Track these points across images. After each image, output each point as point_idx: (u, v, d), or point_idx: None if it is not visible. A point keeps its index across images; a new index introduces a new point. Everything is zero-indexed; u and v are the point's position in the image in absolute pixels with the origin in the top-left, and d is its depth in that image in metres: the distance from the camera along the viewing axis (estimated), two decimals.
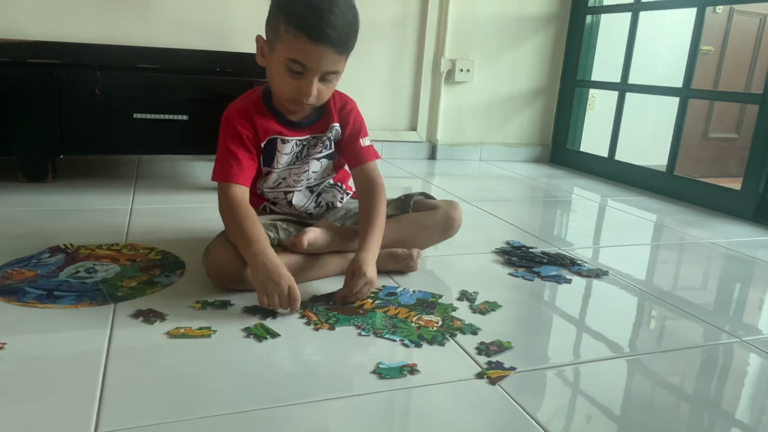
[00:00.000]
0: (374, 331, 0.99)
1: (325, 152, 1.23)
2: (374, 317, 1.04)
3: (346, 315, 1.04)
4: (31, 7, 2.03)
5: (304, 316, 1.03)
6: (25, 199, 1.65)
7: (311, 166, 1.23)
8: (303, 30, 1.02)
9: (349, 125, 1.23)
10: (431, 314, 1.07)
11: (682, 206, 2.16)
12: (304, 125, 1.20)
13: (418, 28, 2.60)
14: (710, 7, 2.84)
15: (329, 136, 1.22)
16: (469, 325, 1.04)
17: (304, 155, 1.22)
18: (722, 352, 1.04)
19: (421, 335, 0.99)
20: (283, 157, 1.20)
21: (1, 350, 0.85)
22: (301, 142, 1.21)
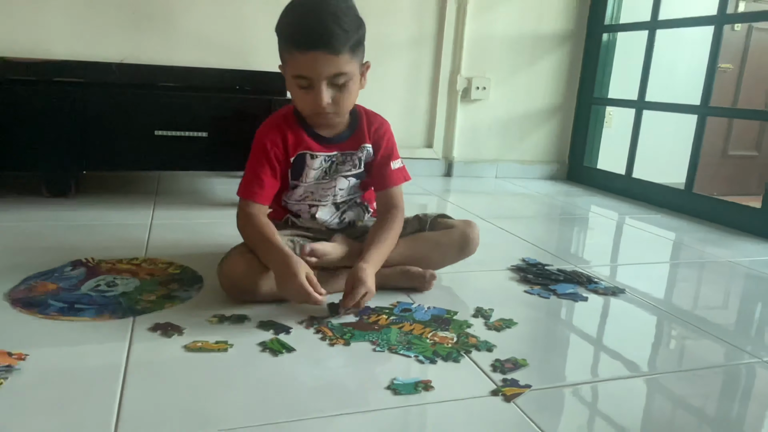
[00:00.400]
0: (389, 347, 0.99)
1: (354, 171, 1.25)
2: (389, 333, 1.04)
3: (361, 331, 1.04)
4: (57, 27, 2.09)
5: (319, 331, 1.03)
6: (48, 214, 1.68)
7: (339, 183, 1.25)
8: (291, 44, 1.07)
9: (381, 148, 1.25)
10: (446, 331, 1.07)
11: (701, 224, 2.14)
12: (334, 141, 1.22)
13: (435, 47, 2.62)
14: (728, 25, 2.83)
15: (360, 155, 1.24)
16: (484, 342, 1.03)
17: (332, 171, 1.24)
18: (744, 373, 1.02)
19: (436, 351, 0.99)
20: (311, 172, 1.22)
21: (23, 361, 0.87)
22: (330, 158, 1.22)
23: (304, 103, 1.13)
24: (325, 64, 1.07)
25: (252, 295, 1.11)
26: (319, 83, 1.08)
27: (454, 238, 1.30)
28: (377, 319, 1.10)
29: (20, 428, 0.73)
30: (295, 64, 1.08)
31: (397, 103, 2.62)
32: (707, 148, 3.00)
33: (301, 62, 1.07)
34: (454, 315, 1.14)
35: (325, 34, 1.05)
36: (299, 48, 1.06)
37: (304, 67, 1.08)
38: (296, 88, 1.12)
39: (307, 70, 1.08)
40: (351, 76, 1.11)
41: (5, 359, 0.86)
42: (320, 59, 1.06)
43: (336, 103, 1.12)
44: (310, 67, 1.07)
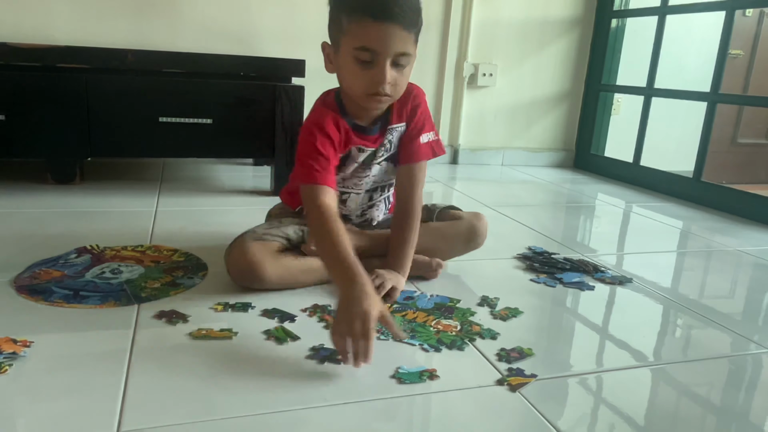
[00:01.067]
0: (392, 335, 0.98)
1: (386, 155, 1.20)
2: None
3: None
4: (62, 13, 2.08)
5: (322, 319, 1.03)
6: (53, 201, 1.68)
7: (372, 170, 1.21)
8: (366, 12, 0.98)
9: (413, 121, 1.18)
10: (450, 319, 1.06)
11: (710, 213, 2.12)
12: (374, 131, 1.16)
13: (441, 33, 2.60)
14: (739, 10, 2.79)
15: (390, 139, 1.18)
16: (487, 330, 1.03)
17: (370, 162, 1.20)
18: (750, 363, 1.01)
19: (440, 339, 0.98)
20: (353, 164, 1.18)
21: (28, 348, 0.87)
22: (374, 152, 1.18)
23: (360, 81, 1.03)
24: (397, 39, 0.99)
25: (260, 283, 1.11)
26: (385, 60, 1.00)
27: (462, 230, 1.29)
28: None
29: (25, 415, 0.73)
30: (363, 34, 0.99)
31: None
32: (716, 136, 2.97)
33: (371, 32, 0.98)
34: (457, 303, 1.13)
35: (408, 9, 0.99)
36: (375, 16, 0.97)
37: (374, 38, 0.98)
38: (353, 64, 1.01)
39: (377, 43, 0.98)
40: (411, 60, 1.05)
41: (10, 346, 0.86)
42: (395, 33, 0.98)
43: (394, 86, 1.04)
44: (381, 40, 0.98)
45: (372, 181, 1.24)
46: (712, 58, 2.24)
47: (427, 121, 1.20)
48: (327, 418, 0.76)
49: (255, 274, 1.10)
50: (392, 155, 1.21)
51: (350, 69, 1.03)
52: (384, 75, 1.01)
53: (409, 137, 1.19)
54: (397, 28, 0.99)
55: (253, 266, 1.09)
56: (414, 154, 1.18)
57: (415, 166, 1.18)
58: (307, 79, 1.90)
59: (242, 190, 1.97)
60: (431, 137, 1.20)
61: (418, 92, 1.20)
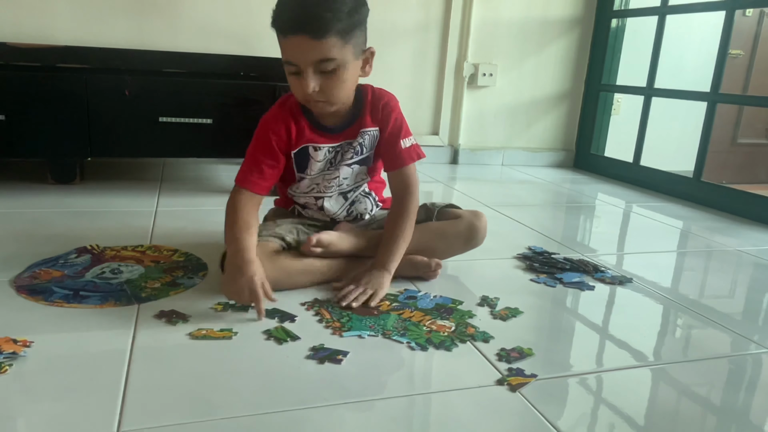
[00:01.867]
0: (383, 332, 0.99)
1: (356, 158, 1.22)
2: (387, 319, 1.04)
3: (359, 315, 1.04)
4: (62, 13, 2.08)
5: (318, 313, 1.04)
6: (53, 201, 1.68)
7: (341, 173, 1.22)
8: (277, 29, 1.05)
9: (389, 126, 1.20)
10: (446, 319, 1.06)
11: (710, 213, 2.12)
12: (336, 130, 1.19)
13: (441, 33, 2.60)
14: (739, 10, 2.79)
15: (360, 141, 1.20)
16: (482, 333, 1.02)
17: (337, 161, 1.21)
18: (750, 363, 1.01)
19: (430, 339, 0.98)
20: (316, 164, 1.20)
21: (28, 348, 0.87)
22: (333, 148, 1.20)
23: (295, 90, 1.10)
24: (307, 49, 1.02)
25: None
26: (305, 69, 1.04)
27: (461, 229, 1.28)
28: (379, 304, 1.10)
29: (25, 415, 0.73)
30: (282, 49, 1.06)
31: (402, 89, 2.60)
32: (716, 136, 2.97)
33: (286, 47, 1.05)
34: (459, 304, 1.13)
35: (308, 18, 1.01)
36: (283, 32, 1.04)
37: (289, 52, 1.05)
38: (288, 75, 1.09)
39: (292, 56, 1.05)
40: (342, 63, 1.05)
41: (10, 346, 0.86)
42: (303, 44, 1.02)
43: (324, 91, 1.07)
44: (294, 52, 1.04)
45: (345, 184, 1.24)
46: (712, 58, 2.24)
47: (405, 126, 1.23)
48: (327, 418, 0.76)
49: None
50: (364, 158, 1.23)
51: (289, 80, 1.10)
52: (307, 83, 1.05)
53: (388, 143, 1.21)
54: (305, 39, 1.01)
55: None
56: (399, 159, 1.21)
57: (403, 171, 1.21)
58: None
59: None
60: (412, 141, 1.23)
61: (390, 98, 1.22)
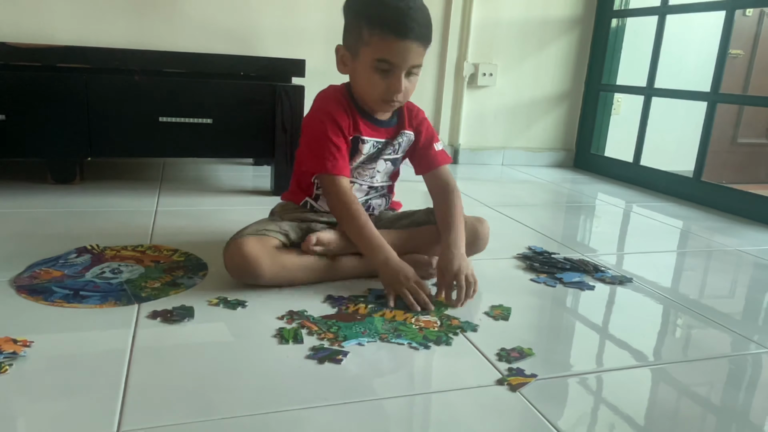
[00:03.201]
0: (379, 337, 0.98)
1: (392, 156, 1.28)
2: (373, 322, 1.03)
3: (345, 322, 1.02)
4: (62, 12, 2.08)
5: (303, 326, 0.99)
6: (53, 201, 1.68)
7: (378, 165, 1.27)
8: (389, 29, 1.08)
9: (423, 132, 1.29)
10: (427, 315, 1.07)
11: (710, 213, 2.12)
12: (384, 125, 1.24)
13: (441, 32, 2.60)
14: (739, 10, 2.79)
15: (399, 141, 1.27)
16: (466, 323, 1.04)
17: (375, 156, 1.26)
18: (750, 363, 1.01)
19: (426, 336, 0.99)
20: (360, 156, 1.23)
21: (28, 348, 0.87)
22: (378, 143, 1.24)
23: (377, 88, 1.14)
24: (415, 55, 1.11)
25: (255, 279, 1.11)
26: (401, 71, 1.11)
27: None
28: (356, 308, 1.08)
29: (25, 414, 0.73)
30: (385, 48, 1.09)
31: None
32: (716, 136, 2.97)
33: (393, 48, 1.09)
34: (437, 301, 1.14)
35: (424, 27, 1.11)
36: (398, 34, 1.08)
37: (395, 53, 1.09)
38: (372, 72, 1.12)
39: (396, 57, 1.09)
40: (420, 69, 1.16)
41: (10, 346, 0.86)
42: (413, 49, 1.10)
43: (405, 93, 1.15)
44: (401, 55, 1.09)
45: (377, 178, 1.29)
46: (712, 58, 2.24)
47: (435, 134, 1.33)
48: (327, 418, 0.76)
49: (251, 269, 1.10)
50: (396, 159, 1.29)
51: (368, 76, 1.14)
52: (400, 85, 1.13)
53: (424, 147, 1.30)
54: (415, 45, 1.10)
55: (248, 261, 1.09)
56: (435, 160, 1.29)
57: (441, 170, 1.30)
58: (307, 79, 1.90)
59: (242, 190, 1.97)
60: (442, 146, 1.32)
61: (420, 110, 1.32)
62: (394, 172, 1.33)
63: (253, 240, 1.11)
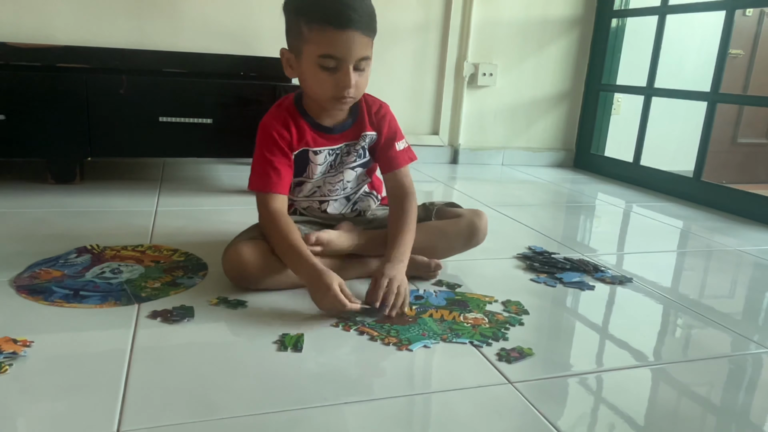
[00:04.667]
0: (440, 337, 0.98)
1: (359, 161, 1.23)
2: (427, 323, 1.03)
3: (401, 325, 1.01)
4: (61, 12, 2.08)
5: (362, 332, 0.98)
6: (53, 201, 1.68)
7: (345, 176, 1.23)
8: (327, 21, 1.03)
9: (384, 130, 1.22)
10: (470, 311, 1.09)
11: (710, 213, 2.12)
12: (336, 131, 1.19)
13: (441, 32, 2.60)
14: (739, 10, 2.79)
15: (362, 144, 1.22)
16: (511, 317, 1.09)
17: (338, 163, 1.22)
18: (750, 363, 1.01)
19: (482, 333, 1.01)
20: (317, 167, 1.20)
21: (28, 348, 0.87)
22: (333, 151, 1.20)
23: (325, 86, 1.08)
24: (359, 46, 1.05)
25: (253, 284, 1.11)
26: (348, 65, 1.05)
27: (461, 228, 1.28)
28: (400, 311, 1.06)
29: (25, 414, 0.73)
30: (326, 42, 1.04)
31: (403, 89, 2.60)
32: (716, 136, 2.97)
33: (334, 40, 1.03)
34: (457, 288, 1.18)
35: (365, 15, 1.04)
36: (336, 25, 1.02)
37: (337, 46, 1.03)
38: (318, 70, 1.06)
39: (340, 50, 1.04)
40: (369, 62, 1.10)
41: (10, 346, 0.86)
42: (357, 39, 1.04)
43: (356, 88, 1.09)
44: (344, 47, 1.04)
45: (350, 187, 1.26)
46: (712, 58, 2.24)
47: (398, 130, 1.25)
48: (327, 418, 0.76)
49: (247, 274, 1.10)
50: (365, 162, 1.25)
51: (315, 75, 1.08)
52: (349, 80, 1.06)
53: (385, 147, 1.23)
54: (357, 35, 1.04)
55: (245, 267, 1.09)
56: (395, 162, 1.22)
57: (398, 173, 1.23)
58: None
59: (242, 190, 1.97)
60: (405, 144, 1.25)
61: (381, 103, 1.25)
62: (368, 172, 1.28)
63: (248, 246, 1.11)
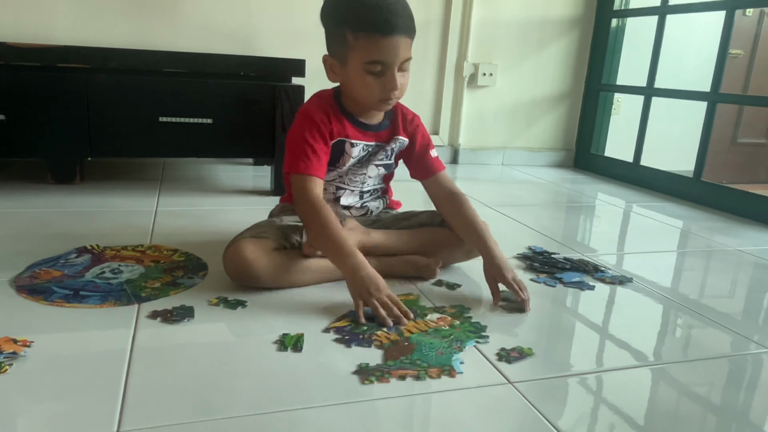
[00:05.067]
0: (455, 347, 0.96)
1: (385, 161, 1.27)
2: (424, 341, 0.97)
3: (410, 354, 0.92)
4: (61, 12, 2.08)
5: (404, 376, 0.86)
6: (53, 201, 1.68)
7: (369, 171, 1.27)
8: (374, 29, 1.07)
9: (418, 138, 1.28)
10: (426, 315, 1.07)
11: (710, 213, 2.12)
12: (373, 129, 1.23)
13: (441, 32, 2.60)
14: (739, 10, 2.78)
15: (392, 146, 1.26)
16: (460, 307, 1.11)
17: (365, 160, 1.25)
18: (750, 363, 1.01)
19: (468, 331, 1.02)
20: (350, 159, 1.22)
21: (28, 348, 0.87)
22: (367, 147, 1.23)
23: (372, 90, 1.12)
24: (404, 49, 1.09)
25: (254, 281, 1.11)
26: (394, 69, 1.10)
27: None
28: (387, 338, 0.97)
29: (25, 414, 0.73)
30: (373, 49, 1.08)
31: None
32: (716, 136, 2.97)
33: (381, 47, 1.07)
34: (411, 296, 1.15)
35: (408, 18, 1.09)
36: (384, 32, 1.06)
37: (384, 52, 1.08)
38: (365, 75, 1.10)
39: (387, 55, 1.08)
40: (410, 62, 1.14)
41: (10, 346, 0.86)
42: (402, 43, 1.08)
43: (401, 89, 1.13)
44: (391, 52, 1.08)
45: (369, 183, 1.28)
46: (712, 58, 2.24)
47: (431, 141, 1.31)
48: (327, 418, 0.76)
49: (249, 271, 1.10)
50: (389, 164, 1.29)
51: (362, 79, 1.12)
52: (395, 82, 1.11)
53: (420, 153, 1.29)
54: (402, 39, 1.09)
55: (247, 264, 1.10)
56: (434, 167, 1.29)
57: (440, 176, 1.29)
58: (307, 79, 1.90)
59: (242, 190, 1.97)
60: (436, 154, 1.31)
61: (416, 115, 1.31)
62: (387, 175, 1.32)
63: (251, 243, 1.11)
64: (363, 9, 1.08)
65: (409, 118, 1.28)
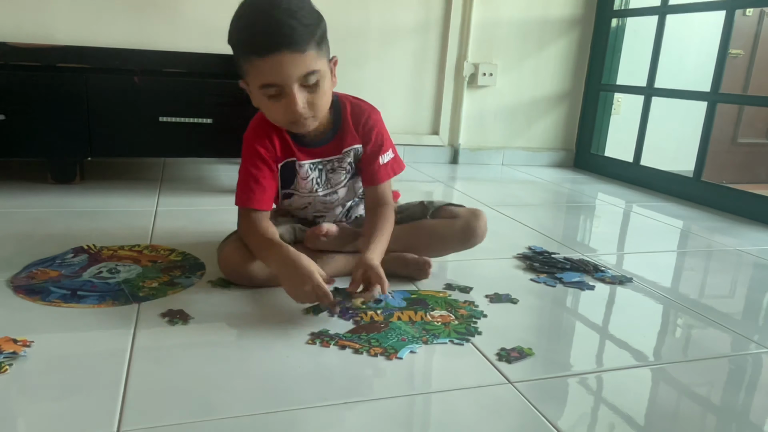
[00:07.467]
0: (421, 340, 0.97)
1: (349, 177, 1.21)
2: (401, 327, 1.01)
3: (376, 333, 0.98)
4: (62, 12, 2.07)
5: (343, 346, 0.93)
6: (53, 201, 1.68)
7: (339, 193, 1.22)
8: (252, 52, 0.97)
9: (370, 142, 1.17)
10: (433, 309, 1.08)
11: (710, 213, 2.12)
12: (317, 145, 1.16)
13: (441, 32, 2.59)
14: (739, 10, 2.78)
15: (348, 160, 1.18)
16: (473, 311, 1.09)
17: (324, 181, 1.19)
18: (750, 363, 1.01)
19: (456, 330, 1.01)
20: (302, 182, 1.17)
21: (28, 348, 0.87)
22: (315, 165, 1.17)
23: (277, 114, 1.04)
24: (292, 65, 0.97)
25: (248, 281, 1.12)
26: (290, 87, 0.99)
27: (456, 229, 1.24)
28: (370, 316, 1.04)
29: (26, 414, 0.73)
30: (259, 73, 0.98)
31: (402, 89, 2.60)
32: (717, 136, 2.97)
33: (265, 69, 0.97)
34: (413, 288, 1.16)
35: (285, 31, 0.95)
36: (260, 53, 0.96)
37: (269, 73, 0.97)
38: (265, 100, 1.02)
39: (274, 76, 0.98)
40: (322, 74, 1.02)
41: (10, 346, 0.86)
42: (286, 60, 0.96)
43: (311, 107, 1.03)
44: (277, 72, 0.97)
45: (345, 199, 1.25)
46: (712, 58, 2.24)
47: (386, 141, 1.20)
48: (327, 418, 0.76)
49: (243, 271, 1.10)
50: (353, 174, 1.21)
51: (265, 105, 1.04)
52: (296, 102, 1.00)
53: (368, 159, 1.18)
54: (287, 55, 0.96)
55: (241, 263, 1.10)
56: (375, 177, 1.18)
57: (378, 188, 1.18)
58: None
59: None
60: (390, 156, 1.20)
61: (371, 112, 1.19)
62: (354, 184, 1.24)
63: (240, 247, 1.11)
64: (243, 29, 0.98)
65: (362, 121, 1.16)
